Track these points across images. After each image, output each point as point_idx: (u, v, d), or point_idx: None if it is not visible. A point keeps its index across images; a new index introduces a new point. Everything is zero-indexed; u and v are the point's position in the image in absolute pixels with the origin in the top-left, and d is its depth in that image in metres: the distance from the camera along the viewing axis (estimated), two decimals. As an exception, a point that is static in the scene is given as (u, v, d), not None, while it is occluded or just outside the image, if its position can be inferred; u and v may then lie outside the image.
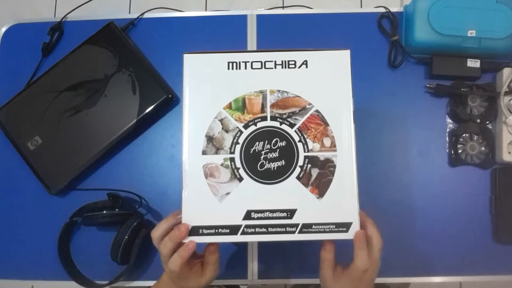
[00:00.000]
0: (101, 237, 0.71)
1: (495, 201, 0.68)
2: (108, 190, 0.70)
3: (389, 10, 0.76)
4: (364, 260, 0.47)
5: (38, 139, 0.72)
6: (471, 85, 0.70)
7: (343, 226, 0.47)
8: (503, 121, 0.68)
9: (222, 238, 0.47)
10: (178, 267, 0.47)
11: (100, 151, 0.71)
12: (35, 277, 0.71)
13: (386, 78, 0.74)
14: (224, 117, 0.49)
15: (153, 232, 0.49)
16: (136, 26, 0.79)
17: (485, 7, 0.68)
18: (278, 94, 0.49)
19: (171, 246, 0.47)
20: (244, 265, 0.69)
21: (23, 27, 0.82)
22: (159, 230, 0.48)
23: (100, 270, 0.70)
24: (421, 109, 0.73)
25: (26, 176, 0.73)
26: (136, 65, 0.73)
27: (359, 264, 0.47)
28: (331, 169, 0.48)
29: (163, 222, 0.49)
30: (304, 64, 0.50)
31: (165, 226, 0.48)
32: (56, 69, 0.74)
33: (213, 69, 0.50)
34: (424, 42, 0.69)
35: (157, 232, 0.48)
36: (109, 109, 0.72)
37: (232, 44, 0.77)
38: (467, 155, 0.69)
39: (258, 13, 0.79)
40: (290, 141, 0.49)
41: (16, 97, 0.74)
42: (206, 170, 0.48)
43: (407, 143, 0.72)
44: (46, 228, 0.72)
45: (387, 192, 0.71)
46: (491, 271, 0.68)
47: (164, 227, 0.48)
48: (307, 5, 1.25)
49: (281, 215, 0.47)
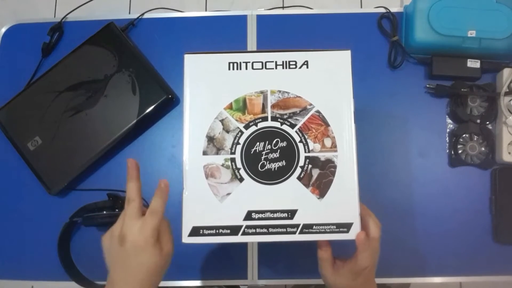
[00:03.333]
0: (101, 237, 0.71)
1: (495, 201, 0.68)
2: (108, 190, 0.70)
3: (389, 10, 0.76)
4: (367, 261, 0.48)
5: (38, 140, 0.72)
6: (471, 86, 0.70)
7: (344, 227, 0.47)
8: (503, 122, 0.68)
9: (223, 238, 0.47)
10: (162, 205, 0.47)
11: (100, 151, 0.71)
12: (35, 277, 0.71)
13: (386, 78, 0.74)
14: (225, 117, 0.49)
15: (129, 191, 0.48)
16: (136, 26, 0.79)
17: (485, 7, 0.68)
18: (279, 94, 0.49)
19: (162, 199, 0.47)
20: (244, 266, 0.69)
21: (23, 27, 0.82)
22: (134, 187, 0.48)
23: (100, 270, 0.69)
24: (421, 110, 0.73)
25: (26, 176, 0.73)
26: (136, 65, 0.73)
27: (361, 264, 0.48)
28: (331, 169, 0.48)
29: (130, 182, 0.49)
30: (305, 64, 0.50)
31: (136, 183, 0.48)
32: (56, 70, 0.74)
33: (214, 70, 0.50)
34: (424, 42, 0.70)
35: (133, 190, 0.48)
36: (109, 110, 0.72)
37: (232, 44, 0.77)
38: (467, 155, 0.69)
39: (258, 13, 0.79)
40: (290, 141, 0.49)
41: (16, 97, 0.74)
42: (207, 170, 0.48)
43: (407, 144, 0.72)
44: (46, 228, 0.71)
45: (388, 193, 0.71)
46: (491, 271, 0.68)
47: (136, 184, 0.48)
48: (307, 5, 1.25)
49: (281, 216, 0.47)
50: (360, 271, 0.49)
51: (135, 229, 0.45)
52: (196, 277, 0.69)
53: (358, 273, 0.49)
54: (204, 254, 0.70)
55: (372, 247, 0.48)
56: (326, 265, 0.51)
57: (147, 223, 0.46)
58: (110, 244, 0.47)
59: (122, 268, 0.47)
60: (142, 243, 0.45)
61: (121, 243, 0.46)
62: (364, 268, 0.48)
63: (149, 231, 0.45)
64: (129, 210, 0.47)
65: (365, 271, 0.49)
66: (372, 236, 0.48)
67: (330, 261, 0.51)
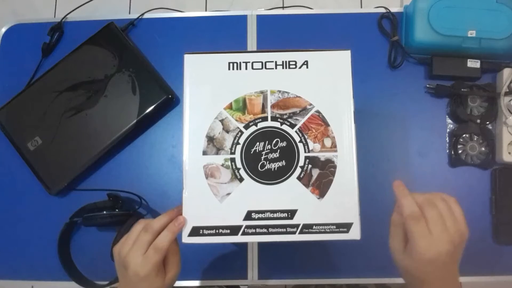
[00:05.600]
0: (101, 237, 0.71)
1: (495, 201, 0.68)
2: (108, 190, 0.70)
3: (389, 10, 0.76)
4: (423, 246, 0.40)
5: (38, 140, 0.72)
6: (471, 86, 0.70)
7: (343, 227, 0.47)
8: (503, 122, 0.68)
9: (223, 238, 0.47)
10: (167, 243, 0.46)
11: (100, 151, 0.71)
12: (35, 277, 0.71)
13: (386, 78, 0.74)
14: (225, 117, 0.49)
15: (154, 222, 0.47)
16: (136, 26, 0.79)
17: (485, 7, 0.68)
18: (279, 94, 0.50)
19: (170, 236, 0.46)
20: (244, 266, 0.69)
21: (23, 27, 0.82)
22: (160, 221, 0.48)
23: (100, 270, 0.70)
24: (421, 110, 0.73)
25: (26, 176, 0.73)
26: (136, 65, 0.73)
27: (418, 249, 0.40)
28: (331, 169, 0.48)
29: (164, 215, 0.48)
30: (304, 64, 0.50)
31: (165, 219, 0.48)
32: (56, 70, 0.74)
33: (214, 70, 0.50)
34: (424, 42, 0.70)
35: (158, 223, 0.47)
36: (109, 110, 0.72)
37: (232, 44, 0.77)
38: (467, 155, 0.69)
39: (258, 13, 0.79)
40: (290, 141, 0.49)
41: (16, 97, 0.74)
42: (207, 170, 0.48)
43: (407, 144, 0.72)
44: (46, 228, 0.71)
45: (388, 192, 0.70)
46: (491, 272, 0.68)
47: (165, 219, 0.48)
48: (307, 5, 1.25)
49: (281, 216, 0.47)
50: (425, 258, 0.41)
51: (138, 261, 0.45)
52: (196, 277, 0.69)
53: (431, 260, 0.41)
54: (204, 254, 0.70)
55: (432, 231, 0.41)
56: (396, 235, 0.45)
57: (150, 258, 0.45)
58: (118, 261, 0.48)
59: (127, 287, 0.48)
60: (143, 275, 0.45)
61: (125, 268, 0.46)
62: (421, 254, 0.41)
63: (150, 266, 0.45)
64: (141, 237, 0.47)
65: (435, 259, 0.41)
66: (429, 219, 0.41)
67: (401, 231, 0.44)
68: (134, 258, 0.46)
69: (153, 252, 0.46)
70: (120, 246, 0.48)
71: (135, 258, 0.46)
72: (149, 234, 0.47)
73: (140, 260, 0.45)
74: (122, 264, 0.47)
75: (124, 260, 0.46)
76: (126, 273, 0.46)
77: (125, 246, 0.47)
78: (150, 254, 0.46)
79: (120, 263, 0.47)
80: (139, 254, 0.46)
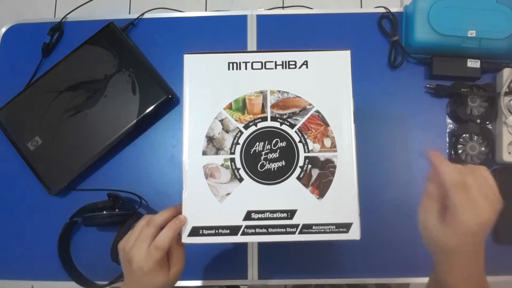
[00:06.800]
0: (101, 237, 0.71)
1: (495, 201, 0.68)
2: (108, 190, 0.70)
3: (389, 10, 0.76)
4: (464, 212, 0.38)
5: (38, 139, 0.72)
6: (471, 86, 0.70)
7: (343, 227, 0.47)
8: (503, 122, 0.68)
9: (223, 238, 0.47)
10: (168, 241, 0.46)
11: (100, 151, 0.71)
12: (35, 277, 0.71)
13: (386, 78, 0.74)
14: (225, 117, 0.49)
15: (156, 216, 0.48)
16: (136, 26, 0.79)
17: (485, 7, 0.68)
18: (279, 94, 0.49)
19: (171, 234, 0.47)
20: (244, 266, 0.69)
21: (23, 27, 0.82)
22: (162, 216, 0.48)
23: (100, 270, 0.70)
24: (421, 110, 0.73)
25: (26, 176, 0.73)
26: (136, 65, 0.73)
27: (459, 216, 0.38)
28: (331, 169, 0.48)
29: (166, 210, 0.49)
30: (304, 64, 0.50)
31: (168, 214, 0.48)
32: (56, 70, 0.74)
33: (214, 70, 0.50)
34: (424, 42, 0.70)
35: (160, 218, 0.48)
36: (109, 110, 0.72)
37: (232, 44, 0.77)
38: (467, 155, 0.69)
39: (258, 13, 0.79)
40: (290, 141, 0.49)
41: (16, 97, 0.74)
42: (207, 170, 0.48)
43: (407, 144, 0.72)
44: (46, 228, 0.72)
45: (388, 192, 0.71)
46: (491, 272, 0.67)
47: (167, 214, 0.48)
48: (307, 5, 1.25)
49: (281, 216, 0.47)
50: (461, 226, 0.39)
51: (142, 255, 0.46)
52: (196, 277, 0.69)
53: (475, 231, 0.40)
54: (204, 254, 0.70)
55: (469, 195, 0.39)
56: (433, 207, 0.42)
57: (152, 255, 0.46)
58: (122, 257, 0.49)
59: (132, 282, 0.48)
60: (147, 269, 0.46)
61: (129, 262, 0.47)
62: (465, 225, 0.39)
63: (153, 262, 0.46)
64: (143, 232, 0.47)
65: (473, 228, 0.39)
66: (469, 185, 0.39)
67: (436, 204, 0.42)
68: (137, 252, 0.46)
69: (155, 250, 0.46)
70: (124, 241, 0.48)
71: (138, 252, 0.46)
72: (151, 228, 0.47)
73: (143, 254, 0.46)
74: (127, 259, 0.47)
75: (128, 255, 0.47)
76: (131, 268, 0.46)
77: (129, 241, 0.48)
78: (151, 251, 0.46)
79: (125, 258, 0.48)
80: (143, 248, 0.46)
